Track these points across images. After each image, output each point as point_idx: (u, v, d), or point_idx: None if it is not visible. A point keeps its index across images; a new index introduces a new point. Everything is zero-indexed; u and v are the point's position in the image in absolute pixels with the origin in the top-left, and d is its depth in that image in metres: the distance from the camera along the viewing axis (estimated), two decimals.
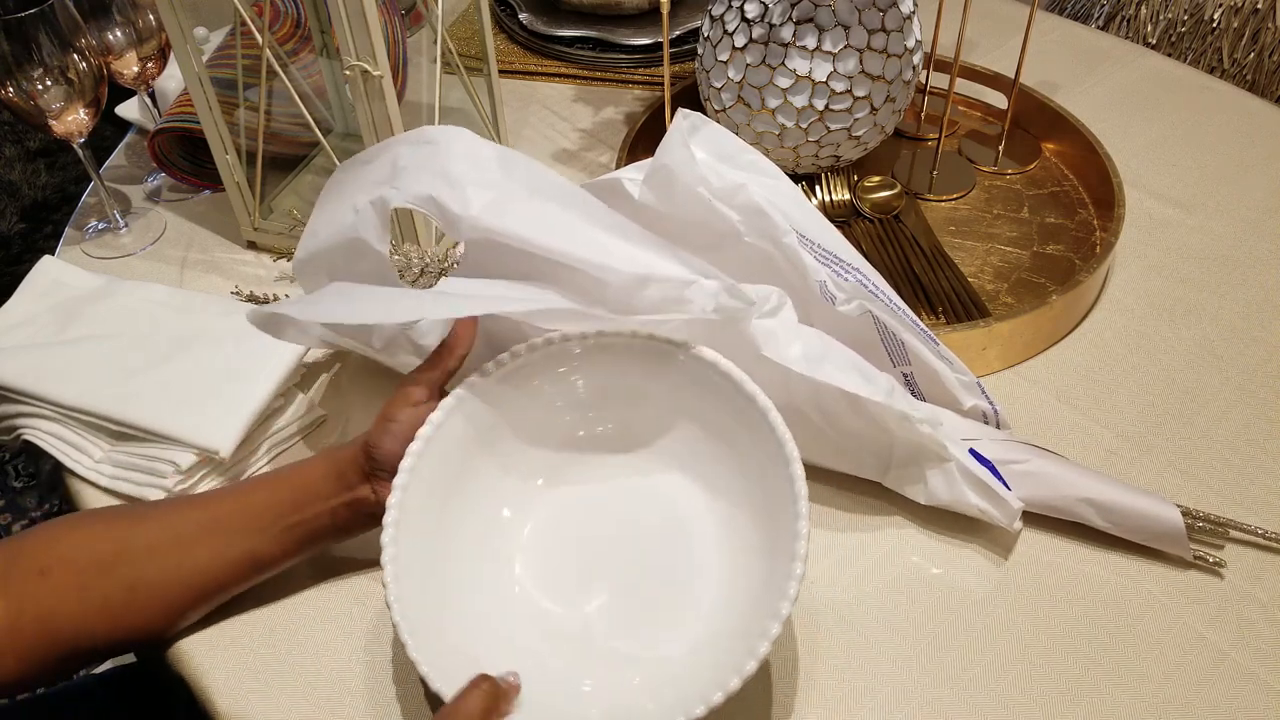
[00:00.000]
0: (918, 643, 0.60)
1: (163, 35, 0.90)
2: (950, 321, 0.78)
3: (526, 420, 0.63)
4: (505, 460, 0.62)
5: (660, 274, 0.59)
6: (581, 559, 0.61)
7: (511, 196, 0.61)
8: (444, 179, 0.61)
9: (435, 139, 0.64)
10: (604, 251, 0.59)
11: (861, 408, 0.62)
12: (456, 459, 0.60)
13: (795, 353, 0.61)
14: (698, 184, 0.66)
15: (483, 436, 0.61)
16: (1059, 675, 0.58)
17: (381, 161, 0.65)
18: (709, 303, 0.58)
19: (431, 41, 0.88)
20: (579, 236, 0.60)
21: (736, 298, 0.58)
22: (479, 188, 0.61)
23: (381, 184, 0.63)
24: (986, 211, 0.90)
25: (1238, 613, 0.60)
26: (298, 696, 0.58)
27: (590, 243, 0.60)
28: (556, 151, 1.00)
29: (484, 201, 0.60)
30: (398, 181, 0.63)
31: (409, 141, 0.65)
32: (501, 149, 0.64)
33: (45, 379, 0.72)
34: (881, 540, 0.65)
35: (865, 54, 0.79)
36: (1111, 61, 1.08)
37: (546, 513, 0.63)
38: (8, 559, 0.56)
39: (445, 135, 0.64)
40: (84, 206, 0.97)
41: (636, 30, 1.11)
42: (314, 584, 0.64)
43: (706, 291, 0.59)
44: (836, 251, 0.66)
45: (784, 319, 0.62)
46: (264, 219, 0.89)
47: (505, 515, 0.62)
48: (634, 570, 0.60)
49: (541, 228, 0.60)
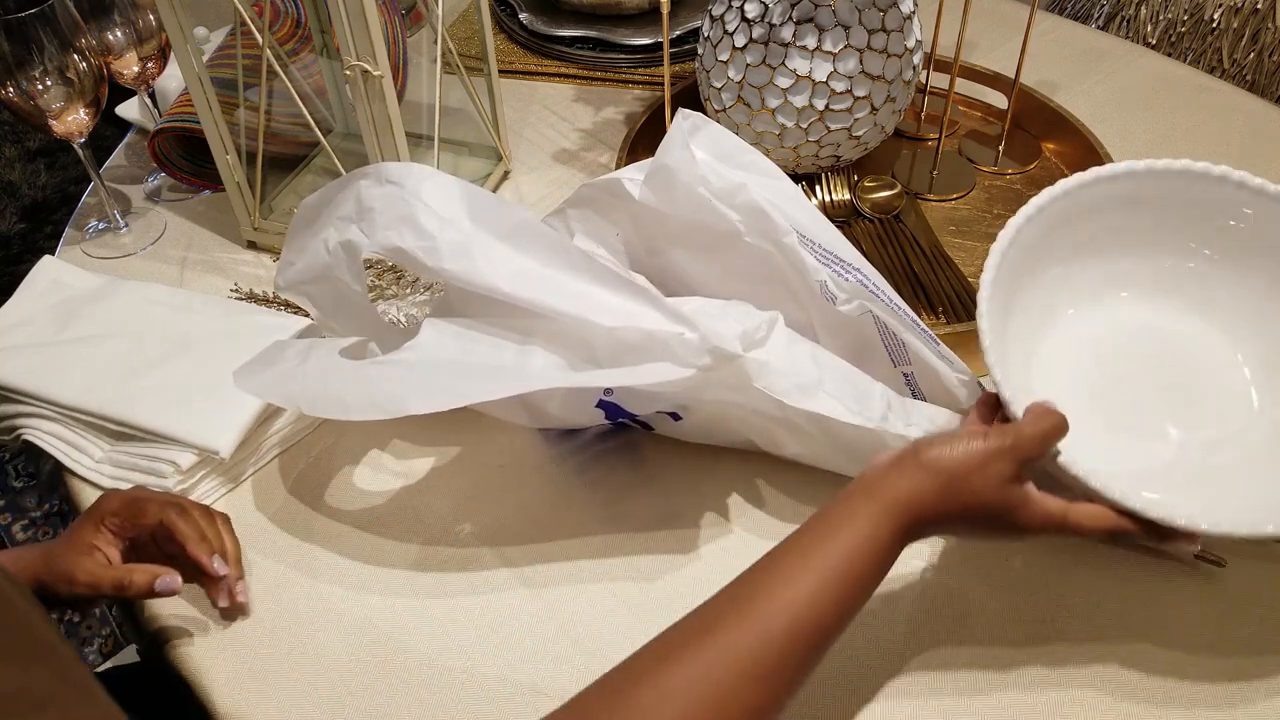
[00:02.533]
0: (917, 642, 0.60)
1: (163, 35, 0.90)
2: (950, 321, 0.78)
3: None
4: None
5: (639, 325, 0.58)
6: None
7: (482, 246, 0.60)
8: (411, 227, 0.61)
9: (398, 179, 0.62)
10: (582, 303, 0.58)
11: (860, 426, 0.62)
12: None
13: (787, 385, 0.60)
14: (698, 184, 0.66)
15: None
16: (1059, 675, 0.58)
17: (345, 196, 0.64)
18: (694, 359, 0.57)
19: (431, 41, 0.88)
20: (555, 288, 0.59)
21: (718, 357, 0.57)
22: (448, 236, 0.60)
23: (349, 222, 0.63)
24: (986, 211, 0.90)
25: (1238, 612, 0.60)
26: (298, 696, 0.58)
27: (567, 294, 0.59)
28: (556, 151, 1.00)
29: (454, 252, 0.60)
30: (364, 225, 0.62)
31: (371, 177, 0.63)
32: (465, 187, 0.63)
33: (45, 379, 0.72)
34: None
35: (865, 54, 0.79)
36: (1111, 61, 1.08)
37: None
38: None
39: (409, 175, 0.62)
40: (84, 206, 0.97)
41: (636, 30, 1.10)
42: (314, 584, 0.64)
43: (690, 346, 0.58)
44: (837, 251, 0.66)
45: (774, 347, 0.61)
46: (264, 219, 0.88)
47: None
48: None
49: (517, 281, 0.59)
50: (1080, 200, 0.63)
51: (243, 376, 0.64)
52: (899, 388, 0.68)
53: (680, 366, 0.57)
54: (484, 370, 0.60)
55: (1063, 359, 0.65)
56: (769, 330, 0.62)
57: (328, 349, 0.65)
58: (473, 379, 0.59)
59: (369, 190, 0.63)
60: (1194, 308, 0.66)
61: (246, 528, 0.67)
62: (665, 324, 0.58)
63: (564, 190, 0.94)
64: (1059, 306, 0.66)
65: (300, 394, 0.61)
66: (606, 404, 0.66)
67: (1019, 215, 0.61)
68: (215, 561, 0.60)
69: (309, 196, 0.67)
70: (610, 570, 0.64)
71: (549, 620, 0.62)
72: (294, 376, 0.62)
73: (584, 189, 0.72)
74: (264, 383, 0.63)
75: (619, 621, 0.61)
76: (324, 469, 0.72)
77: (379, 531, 0.67)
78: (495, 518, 0.68)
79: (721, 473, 0.69)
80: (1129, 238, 0.66)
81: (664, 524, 0.67)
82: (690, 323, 0.58)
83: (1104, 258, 0.66)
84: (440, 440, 0.73)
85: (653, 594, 0.63)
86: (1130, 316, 0.67)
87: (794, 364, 0.61)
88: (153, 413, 0.69)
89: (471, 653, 0.60)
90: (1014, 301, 0.62)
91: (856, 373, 0.64)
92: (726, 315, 0.62)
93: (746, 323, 0.61)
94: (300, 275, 0.66)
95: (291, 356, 0.64)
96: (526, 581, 0.64)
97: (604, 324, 0.58)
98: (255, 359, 0.65)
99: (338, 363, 0.62)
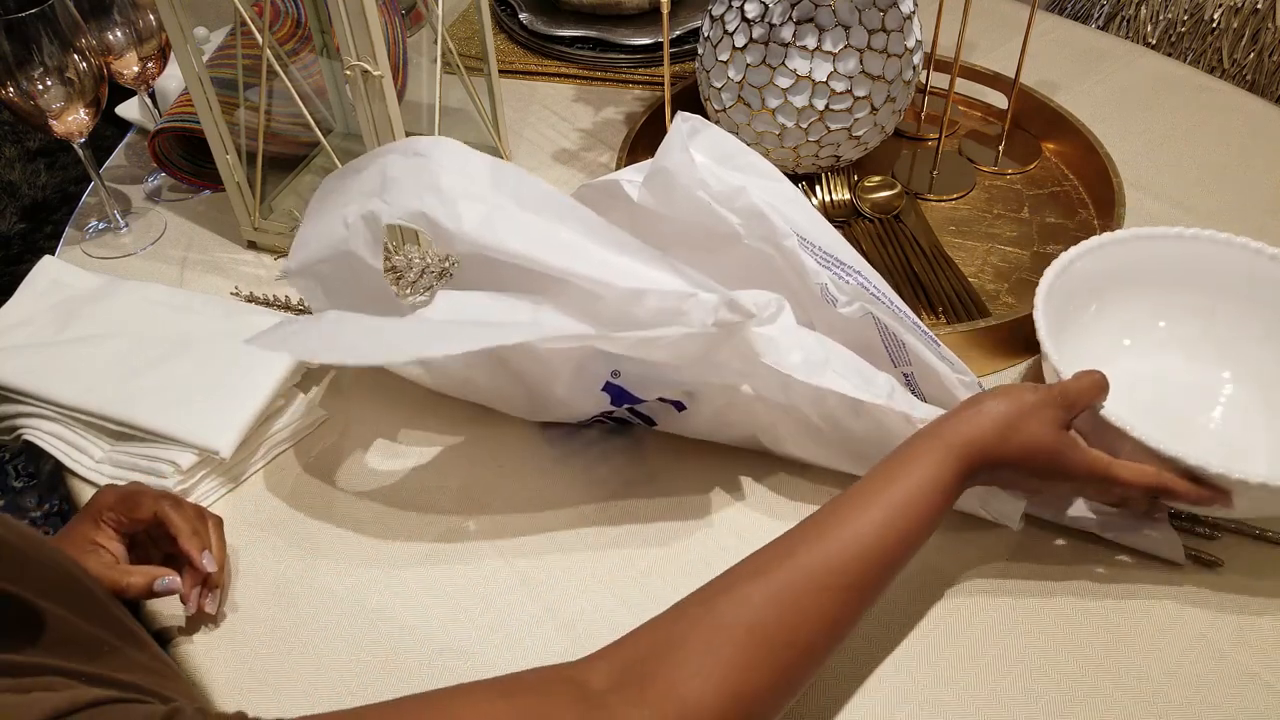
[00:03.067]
0: (917, 642, 0.60)
1: (163, 35, 0.90)
2: (950, 321, 0.78)
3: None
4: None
5: (657, 287, 0.59)
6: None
7: (503, 211, 0.61)
8: (435, 193, 0.61)
9: (425, 150, 0.63)
10: (599, 265, 0.59)
11: (863, 410, 0.62)
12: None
13: (795, 360, 0.61)
14: (697, 187, 0.66)
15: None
16: (1059, 675, 0.58)
17: (371, 171, 0.64)
18: (708, 316, 0.58)
19: (431, 41, 0.88)
20: (573, 251, 0.59)
21: (735, 311, 0.58)
22: (470, 202, 0.61)
23: (371, 195, 0.63)
24: (986, 211, 0.90)
25: (1238, 612, 0.60)
26: (298, 696, 0.58)
27: (585, 257, 0.59)
28: (556, 151, 1.00)
29: (476, 217, 0.60)
30: (388, 195, 0.62)
31: (399, 151, 0.64)
32: (492, 161, 0.64)
33: (46, 379, 0.72)
34: None
35: (865, 54, 0.79)
36: (1111, 61, 1.08)
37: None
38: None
39: (436, 147, 0.64)
40: (84, 206, 0.97)
41: (636, 30, 1.10)
42: (314, 583, 0.64)
43: (705, 305, 0.58)
44: (837, 254, 0.66)
45: (783, 324, 0.62)
46: (264, 219, 0.89)
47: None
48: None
49: (535, 243, 0.59)
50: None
51: (254, 339, 0.63)
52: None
53: (693, 328, 0.58)
54: (500, 323, 0.60)
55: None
56: (778, 309, 0.62)
57: (338, 315, 0.64)
58: (489, 327, 0.59)
59: (396, 163, 0.63)
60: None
61: (246, 527, 0.68)
62: (683, 286, 0.59)
63: (564, 190, 0.93)
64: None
65: (316, 346, 0.61)
66: (612, 387, 0.66)
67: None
68: (205, 557, 0.60)
69: (333, 172, 0.67)
70: (611, 570, 0.65)
71: (549, 620, 0.62)
72: (306, 331, 0.62)
73: (583, 190, 0.72)
74: (277, 338, 0.62)
75: (619, 620, 0.61)
76: (324, 469, 0.72)
77: (379, 532, 0.67)
78: (496, 518, 0.68)
79: (724, 473, 0.69)
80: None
81: (666, 524, 0.67)
82: (708, 285, 0.59)
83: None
84: (442, 440, 0.73)
85: (653, 593, 0.63)
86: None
87: (801, 341, 0.62)
88: (153, 412, 0.69)
89: (472, 652, 0.60)
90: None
91: (862, 361, 0.64)
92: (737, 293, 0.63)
93: (758, 299, 0.61)
94: (314, 254, 0.66)
95: (303, 322, 0.64)
96: (527, 581, 0.64)
97: (622, 285, 0.58)
98: (265, 331, 0.65)
99: (351, 319, 0.62)
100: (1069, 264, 0.70)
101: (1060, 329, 0.67)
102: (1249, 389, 0.70)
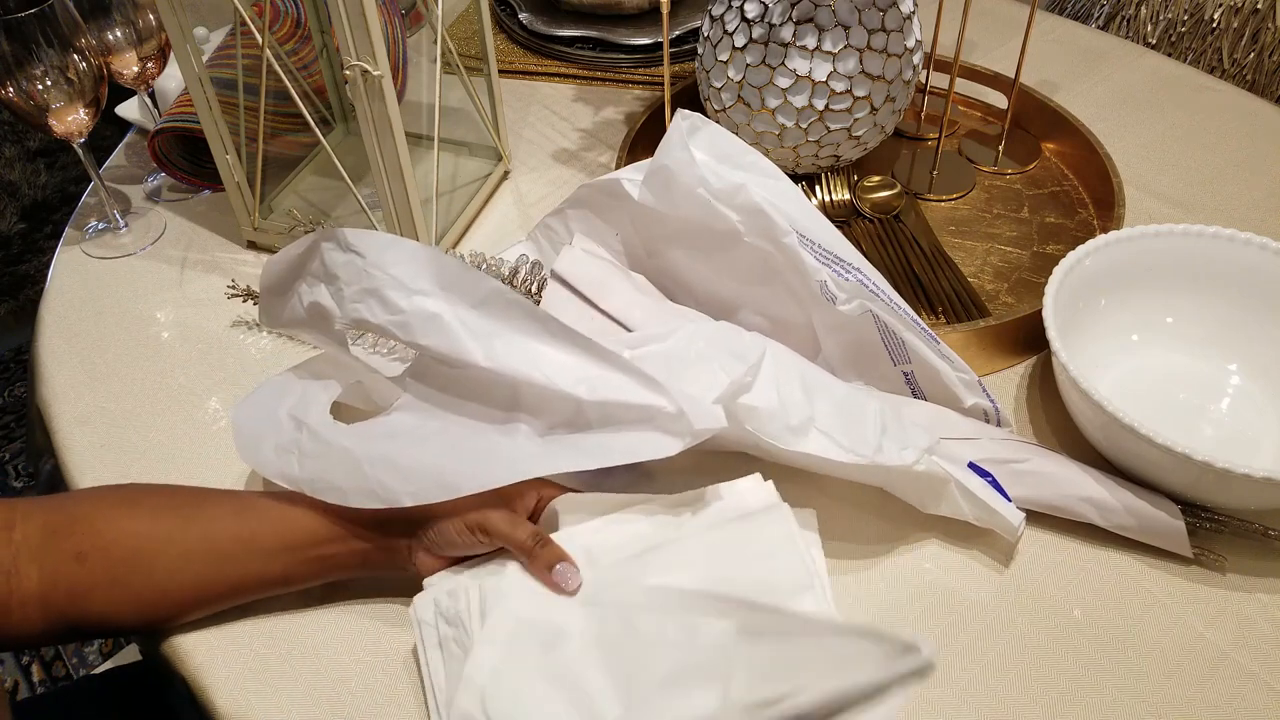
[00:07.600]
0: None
1: (163, 35, 0.90)
2: (950, 321, 0.78)
3: None
4: None
5: (621, 400, 0.56)
6: None
7: (456, 318, 0.59)
8: (380, 302, 0.59)
9: (362, 249, 0.60)
10: (561, 373, 0.57)
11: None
12: None
13: (777, 428, 0.59)
14: (697, 185, 0.66)
15: None
16: (1059, 675, 0.58)
17: (310, 256, 0.63)
18: (680, 431, 0.55)
19: (431, 41, 0.88)
20: (532, 357, 0.58)
21: (699, 435, 0.55)
22: (420, 312, 0.59)
23: (318, 280, 0.62)
24: (986, 211, 0.90)
25: (1238, 612, 0.60)
26: (298, 696, 0.58)
27: (546, 363, 0.58)
28: (556, 151, 1.00)
29: (428, 328, 0.58)
30: (334, 290, 0.61)
31: (333, 241, 0.61)
32: (433, 254, 0.60)
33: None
34: (881, 540, 0.65)
35: (865, 54, 0.79)
36: (1111, 61, 1.08)
37: None
38: (46, 531, 0.56)
39: (372, 246, 0.60)
40: (84, 206, 0.97)
41: (636, 30, 1.11)
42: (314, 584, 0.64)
43: (673, 420, 0.56)
44: (837, 251, 0.66)
45: (761, 390, 0.59)
46: (264, 219, 0.89)
47: None
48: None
49: (494, 353, 0.58)
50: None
51: (245, 447, 0.63)
52: (899, 387, 0.69)
53: (667, 436, 0.56)
54: (471, 455, 0.58)
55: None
56: (755, 374, 0.60)
57: (320, 407, 0.63)
58: (461, 466, 0.57)
59: (332, 254, 0.61)
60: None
61: None
62: (646, 396, 0.56)
63: (564, 190, 0.94)
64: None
65: (300, 477, 0.60)
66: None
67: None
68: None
69: (271, 258, 0.65)
70: None
71: None
72: (291, 452, 0.61)
73: (583, 189, 0.72)
74: (265, 459, 0.61)
75: None
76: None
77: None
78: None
79: (725, 473, 0.69)
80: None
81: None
82: (668, 393, 0.56)
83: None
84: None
85: None
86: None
87: (783, 405, 0.59)
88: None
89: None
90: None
91: (850, 396, 0.62)
92: (710, 360, 0.61)
93: (732, 370, 0.59)
94: (282, 324, 0.67)
95: (285, 419, 0.63)
96: None
97: (582, 396, 0.57)
98: (251, 401, 0.65)
99: (331, 439, 0.60)
100: (1078, 262, 0.71)
101: (1068, 326, 0.68)
102: (1258, 383, 0.71)
